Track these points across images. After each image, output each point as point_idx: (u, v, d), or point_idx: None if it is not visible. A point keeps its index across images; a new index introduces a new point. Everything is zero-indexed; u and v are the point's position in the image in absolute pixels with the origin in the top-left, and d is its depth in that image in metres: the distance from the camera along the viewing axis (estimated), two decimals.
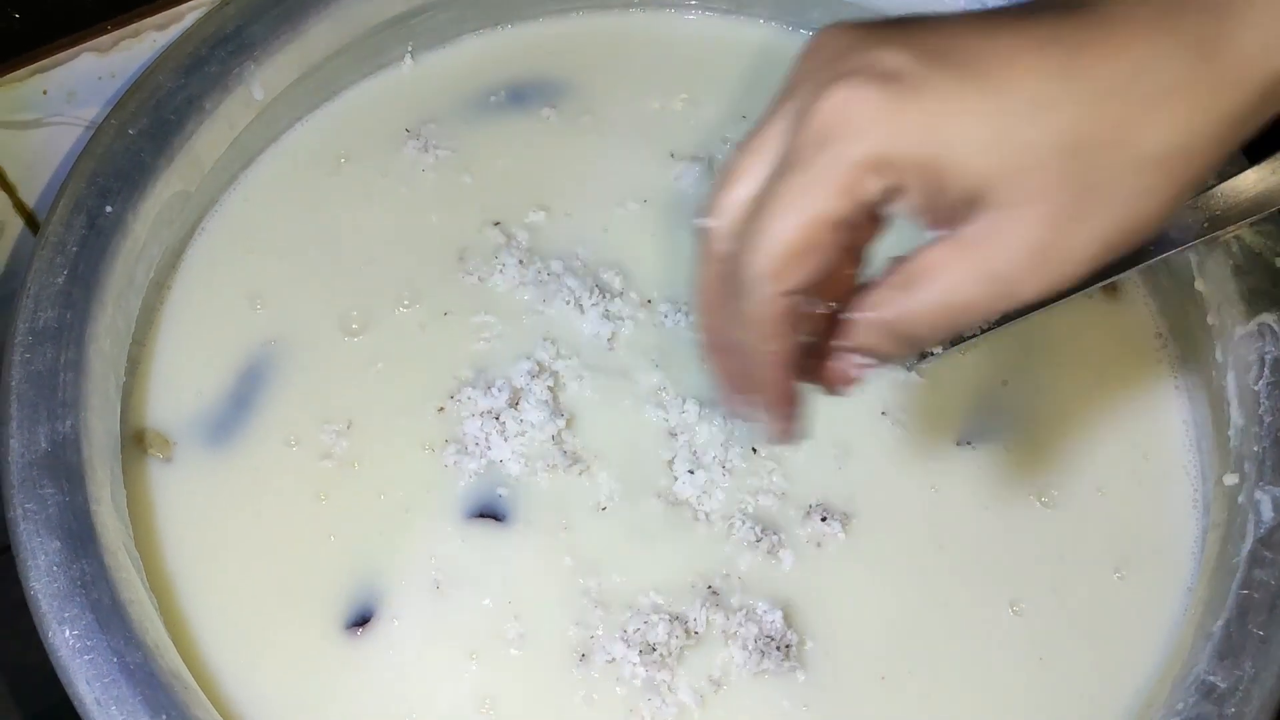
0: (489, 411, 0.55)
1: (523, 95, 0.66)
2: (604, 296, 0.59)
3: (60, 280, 0.50)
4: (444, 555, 0.53)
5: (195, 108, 0.55)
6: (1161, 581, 0.53)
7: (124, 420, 0.54)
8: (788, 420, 0.43)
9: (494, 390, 0.55)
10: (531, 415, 0.54)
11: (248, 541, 0.53)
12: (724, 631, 0.51)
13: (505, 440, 0.54)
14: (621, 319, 0.58)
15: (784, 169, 0.36)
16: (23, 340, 0.49)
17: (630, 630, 0.50)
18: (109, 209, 0.52)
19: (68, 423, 0.47)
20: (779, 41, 0.68)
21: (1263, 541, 0.48)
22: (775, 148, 0.37)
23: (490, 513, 0.53)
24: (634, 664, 0.50)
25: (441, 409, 0.56)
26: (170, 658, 0.45)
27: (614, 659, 0.50)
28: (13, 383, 0.48)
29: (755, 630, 0.51)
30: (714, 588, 0.52)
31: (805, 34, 0.68)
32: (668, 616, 0.51)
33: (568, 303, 0.58)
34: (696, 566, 0.53)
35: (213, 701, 0.47)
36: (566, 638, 0.51)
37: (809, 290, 0.37)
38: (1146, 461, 0.57)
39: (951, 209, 0.36)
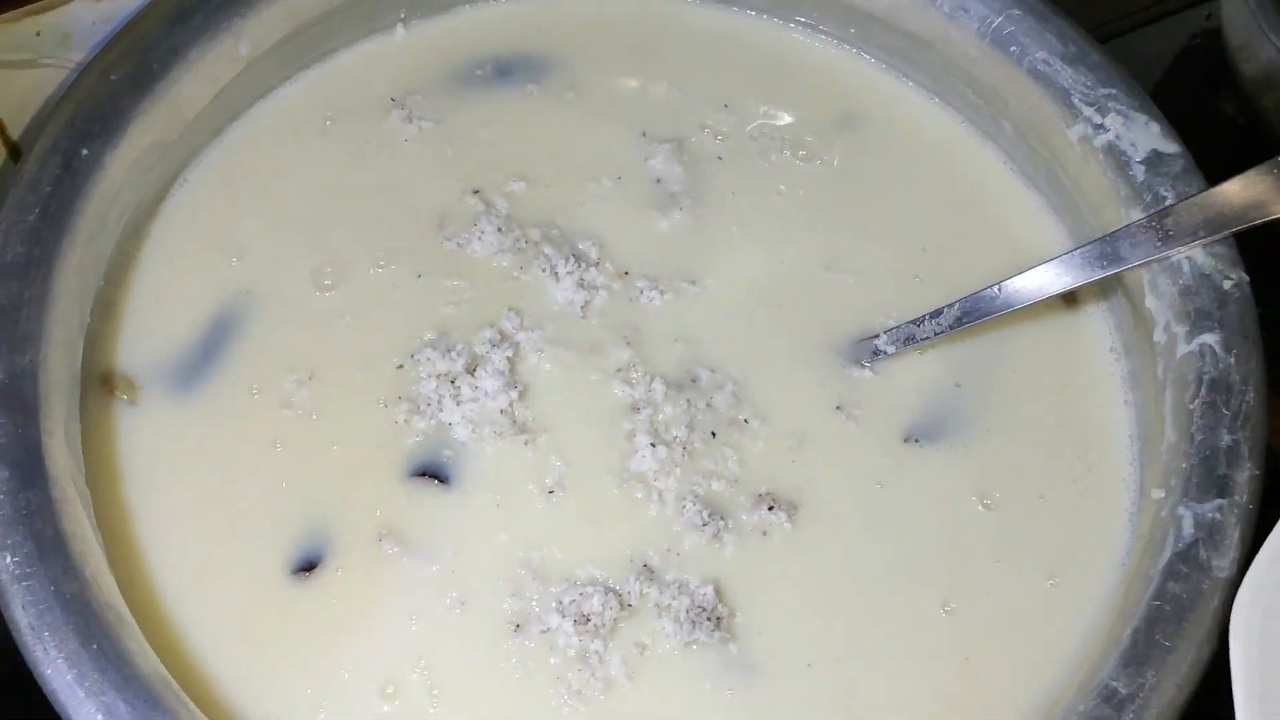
0: (445, 374, 0.56)
1: (509, 70, 0.67)
2: (579, 265, 0.60)
3: (31, 218, 0.51)
4: (388, 511, 0.54)
5: (179, 58, 0.56)
6: (1090, 590, 0.54)
7: (92, 361, 0.55)
8: None
9: (453, 354, 0.56)
10: (486, 383, 0.56)
11: (203, 484, 0.54)
12: (657, 604, 0.52)
13: (458, 405, 0.55)
14: (596, 288, 0.60)
15: None
16: None
17: (566, 601, 0.51)
18: (85, 152, 0.53)
19: (27, 357, 0.48)
20: (768, 35, 0.69)
21: (1179, 555, 0.49)
22: None
23: (433, 473, 0.54)
24: (568, 634, 0.51)
25: (401, 367, 0.57)
26: (108, 590, 0.46)
27: (549, 629, 0.51)
28: None
29: (687, 602, 0.52)
30: (649, 564, 0.53)
31: (795, 29, 0.69)
32: (603, 589, 0.52)
33: (544, 270, 0.59)
34: (638, 543, 0.54)
35: (154, 636, 0.48)
36: (503, 607, 0.52)
37: None
38: (1089, 473, 0.57)
39: None
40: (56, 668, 0.43)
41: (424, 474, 0.54)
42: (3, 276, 0.50)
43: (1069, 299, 0.61)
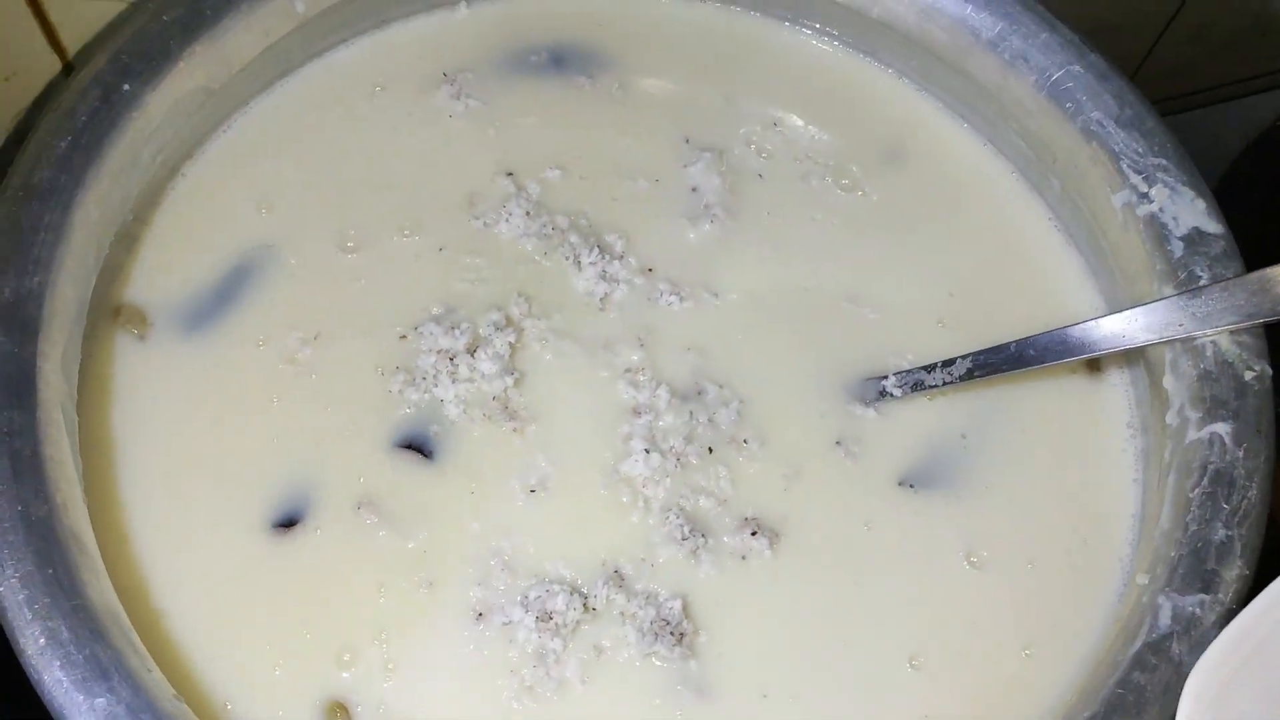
0: (445, 351, 0.56)
1: (563, 60, 0.67)
2: (603, 256, 0.60)
3: (63, 144, 0.52)
4: (371, 478, 0.54)
5: (232, 7, 0.57)
6: (1064, 667, 0.53)
7: (108, 292, 0.56)
8: None
9: (456, 332, 0.56)
10: (484, 365, 0.56)
11: (196, 428, 0.54)
12: (623, 611, 0.52)
13: (453, 383, 0.55)
14: (617, 281, 0.59)
15: None
16: (12, 193, 0.51)
17: (531, 596, 0.51)
18: (126, 87, 0.54)
19: (36, 279, 0.49)
20: (828, 58, 0.68)
21: (1151, 646, 0.47)
22: None
23: (419, 446, 0.54)
24: (529, 629, 0.51)
25: (404, 337, 0.57)
26: (76, 518, 0.47)
27: (510, 621, 0.51)
28: None
29: (653, 614, 0.51)
30: (621, 571, 0.53)
31: (856, 55, 0.68)
32: (569, 588, 0.51)
33: (567, 258, 0.59)
34: (613, 547, 0.54)
35: (116, 570, 0.49)
36: (469, 594, 0.52)
37: None
38: (1085, 546, 0.56)
39: None
40: (9, 586, 0.44)
41: (409, 446, 0.55)
42: (26, 197, 0.51)
43: (1093, 365, 0.60)
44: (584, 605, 0.52)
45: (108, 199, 0.53)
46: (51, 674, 0.43)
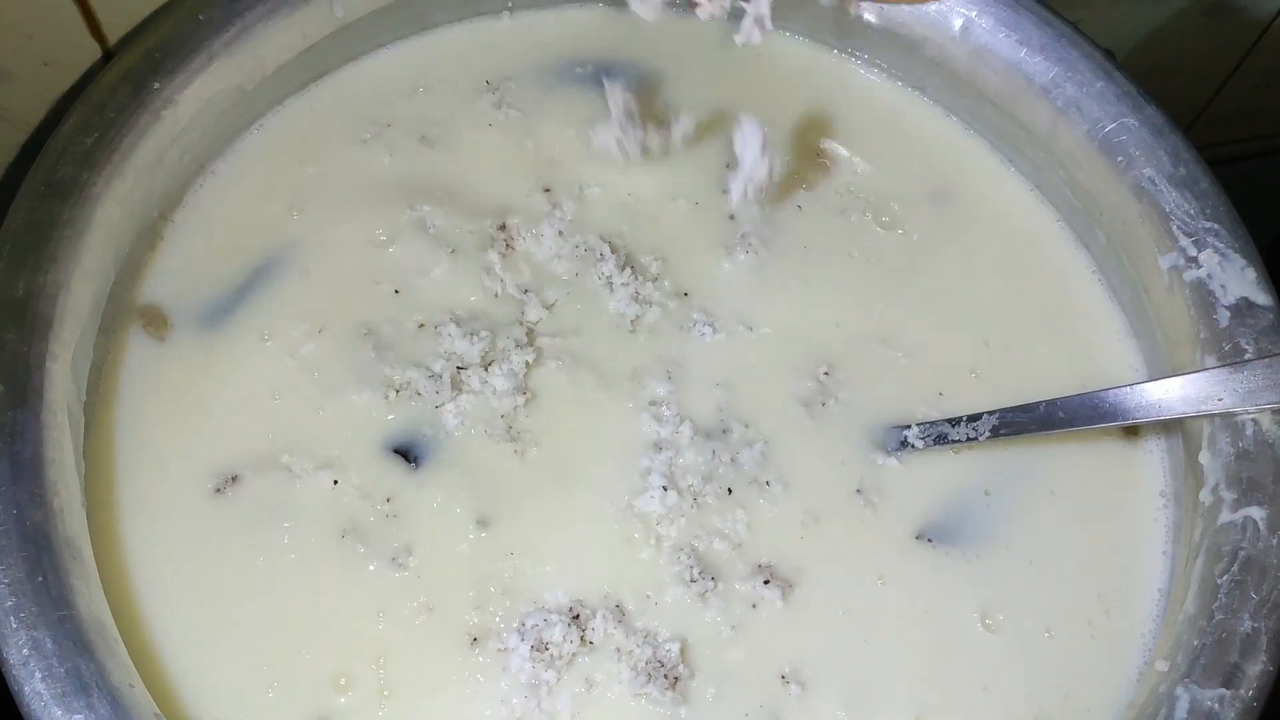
0: (456, 356, 0.55)
1: (609, 74, 0.65)
2: (636, 278, 0.58)
3: (89, 141, 0.52)
4: (358, 485, 0.53)
5: (269, 10, 0.56)
6: None
7: (128, 290, 0.56)
8: None
9: (473, 338, 0.55)
10: (496, 381, 0.54)
11: (198, 426, 0.54)
12: (619, 648, 0.51)
13: (459, 391, 0.54)
14: (650, 304, 0.58)
15: None
16: (35, 187, 0.50)
17: (528, 625, 0.50)
18: (156, 85, 0.54)
19: (50, 276, 0.49)
20: (877, 91, 0.67)
21: None
22: None
23: (407, 452, 0.54)
24: (523, 658, 0.50)
25: (422, 325, 0.56)
26: (73, 524, 0.46)
27: (505, 649, 0.50)
28: (12, 226, 0.49)
29: (649, 654, 0.50)
30: (623, 606, 0.52)
31: (906, 91, 0.66)
32: (567, 619, 0.50)
33: (599, 279, 0.58)
34: (619, 581, 0.53)
35: (113, 577, 0.49)
36: (465, 618, 0.51)
37: None
38: (1107, 618, 0.54)
39: None
40: None
41: (399, 451, 0.54)
42: (46, 194, 0.50)
43: (1129, 429, 0.58)
44: (581, 638, 0.50)
45: (130, 198, 0.53)
46: (32, 685, 0.42)
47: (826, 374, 0.58)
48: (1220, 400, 0.50)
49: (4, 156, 0.58)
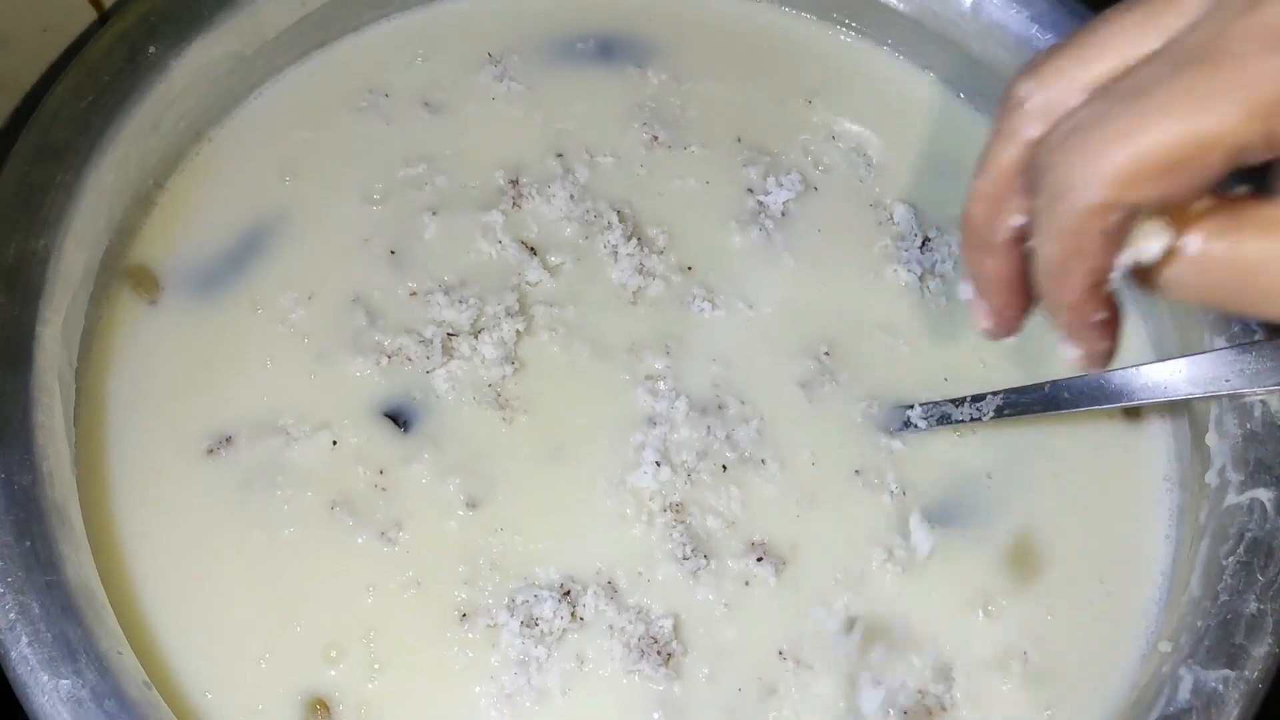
0: (445, 324, 0.54)
1: (611, 48, 0.65)
2: (641, 249, 0.58)
3: (82, 104, 0.51)
4: (344, 457, 0.52)
5: None
6: None
7: (121, 255, 0.55)
8: (1098, 342, 0.36)
9: (462, 305, 0.55)
10: (486, 350, 0.54)
11: (193, 398, 0.53)
12: (611, 625, 0.50)
13: (450, 357, 0.54)
14: (653, 276, 0.58)
15: (1186, 56, 0.28)
16: (27, 151, 0.50)
17: (518, 600, 0.50)
18: (152, 49, 0.53)
19: (41, 242, 0.48)
20: (896, 73, 0.66)
21: None
22: (1169, 23, 0.29)
23: (397, 416, 0.53)
24: (513, 633, 0.49)
25: (414, 293, 0.56)
26: (62, 489, 0.46)
27: (495, 624, 0.50)
28: (3, 190, 0.49)
29: (642, 630, 0.50)
30: (615, 583, 0.51)
31: (928, 78, 0.65)
32: (558, 595, 0.50)
33: (604, 247, 0.58)
34: (610, 558, 0.52)
35: (103, 544, 0.48)
36: (455, 594, 0.50)
37: (1149, 210, 0.30)
38: (1109, 599, 0.53)
39: None
40: None
41: (390, 416, 0.53)
42: (40, 157, 0.50)
43: (1133, 412, 0.57)
44: (572, 614, 0.50)
45: (124, 163, 0.52)
46: (19, 650, 0.42)
47: (827, 354, 0.58)
48: (1228, 381, 0.49)
49: None
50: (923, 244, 0.60)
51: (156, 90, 0.53)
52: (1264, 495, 0.48)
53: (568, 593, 0.50)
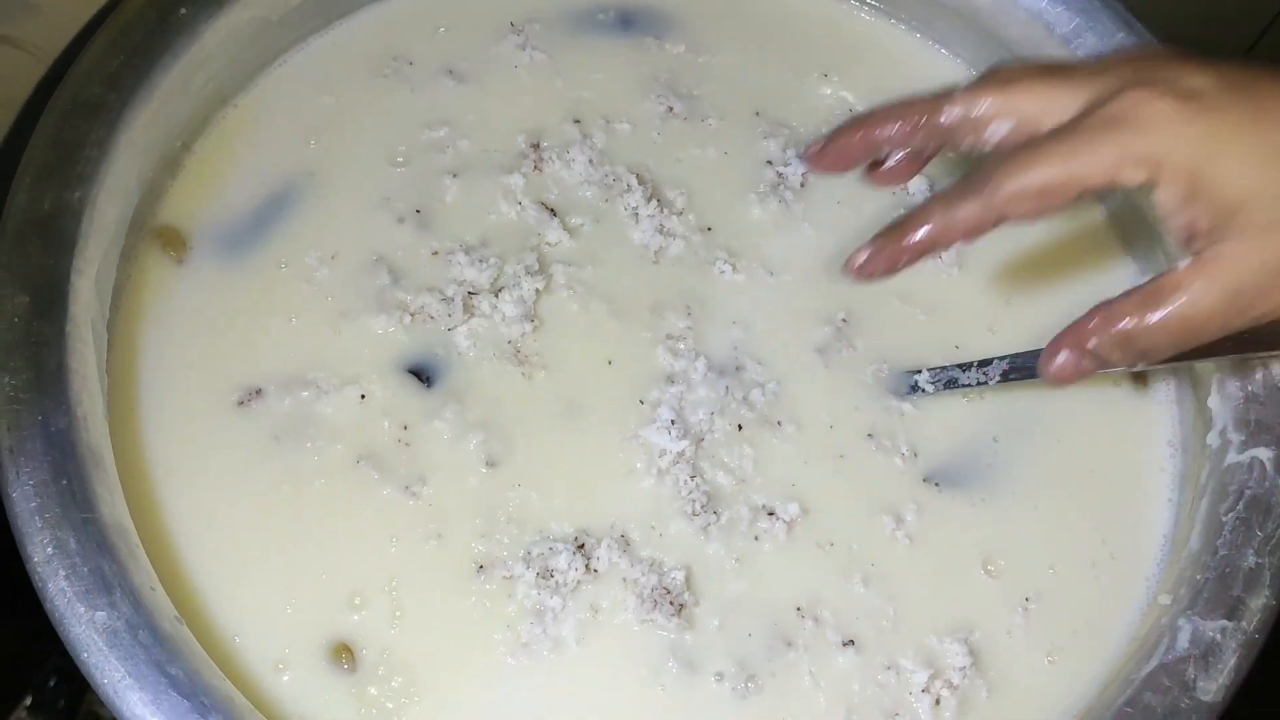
0: (466, 283, 0.56)
1: (631, 20, 0.66)
2: (662, 210, 0.59)
3: (115, 64, 0.52)
4: (372, 410, 0.54)
5: None
6: (1085, 679, 0.51)
7: (149, 215, 0.56)
8: (884, 262, 0.46)
9: (483, 264, 0.56)
10: (506, 308, 0.55)
11: (222, 353, 0.54)
12: (624, 577, 0.51)
13: (471, 315, 0.55)
14: (674, 236, 0.59)
15: (1068, 130, 0.43)
16: (62, 107, 0.51)
17: (534, 553, 0.51)
18: (183, 11, 0.54)
19: (76, 194, 0.49)
20: (909, 49, 0.67)
21: (1165, 668, 0.46)
22: (1064, 104, 0.43)
23: (420, 372, 0.54)
24: (529, 585, 0.51)
25: (436, 253, 0.57)
26: (96, 433, 0.47)
27: (511, 576, 0.51)
28: (39, 143, 0.50)
29: (655, 581, 0.51)
30: (628, 536, 0.52)
31: (936, 45, 0.66)
32: (573, 548, 0.51)
33: (625, 210, 0.59)
34: (623, 512, 0.53)
35: (135, 490, 0.49)
36: (473, 546, 0.52)
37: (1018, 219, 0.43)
38: (1111, 560, 0.54)
39: (1193, 221, 0.42)
40: (23, 493, 0.44)
41: (413, 372, 0.54)
42: (74, 114, 0.51)
43: (1139, 378, 0.58)
44: (586, 566, 0.51)
45: (155, 122, 0.54)
46: (56, 583, 0.43)
47: (845, 321, 0.59)
48: (1230, 342, 0.50)
49: (23, 90, 0.59)
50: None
51: (187, 51, 0.54)
52: (1264, 454, 0.49)
53: (581, 546, 0.52)
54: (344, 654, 0.49)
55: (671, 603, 0.51)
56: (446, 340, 0.55)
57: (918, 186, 0.62)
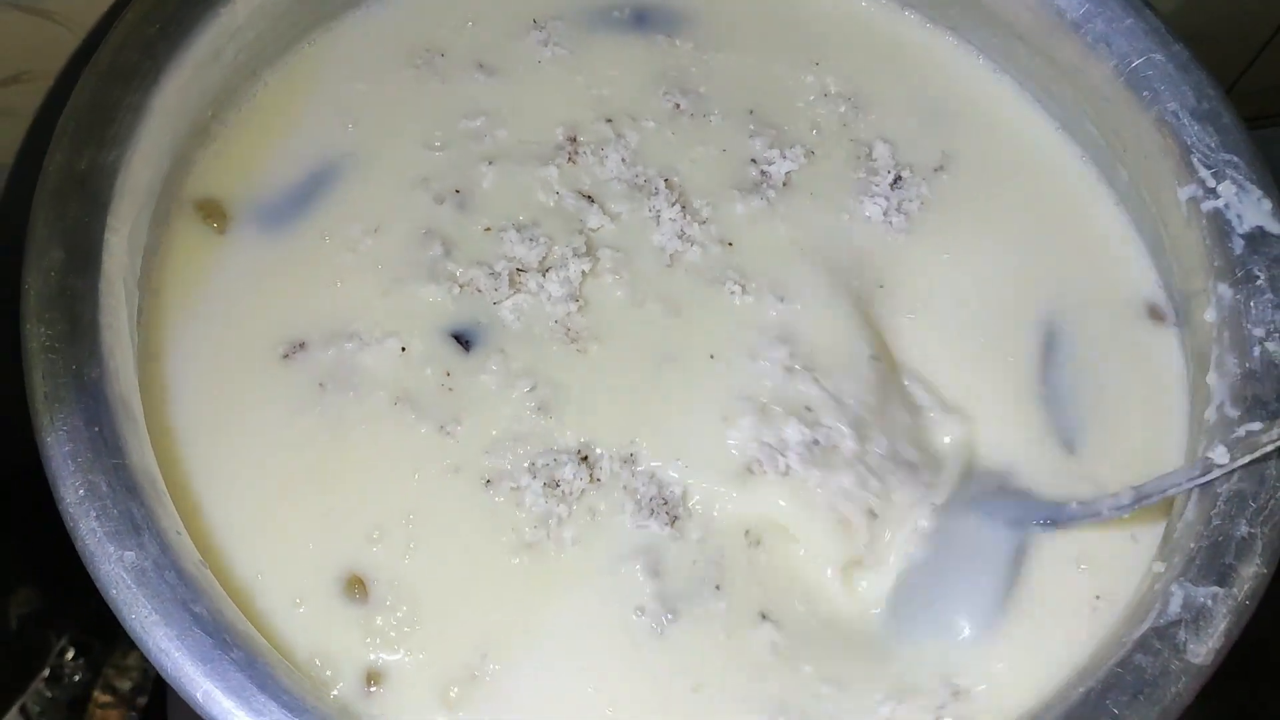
0: (515, 259, 0.57)
1: (645, 17, 0.66)
2: (685, 216, 0.60)
3: (151, 30, 0.54)
4: (413, 362, 0.55)
5: None
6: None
7: (184, 186, 0.58)
8: None
9: (533, 242, 0.57)
10: (552, 287, 0.57)
11: (259, 306, 0.56)
12: (625, 486, 0.53)
13: (517, 290, 0.57)
14: (692, 243, 0.59)
15: None
16: (99, 71, 0.53)
17: (539, 464, 0.53)
18: None
19: (112, 155, 0.51)
20: (914, 35, 0.67)
21: (1157, 631, 0.47)
22: None
23: (462, 337, 0.56)
24: (536, 494, 0.53)
25: (488, 229, 0.58)
26: (127, 385, 0.49)
27: (518, 487, 0.53)
28: (77, 105, 0.52)
29: (654, 492, 0.53)
30: (635, 453, 0.54)
31: (948, 33, 0.67)
32: (577, 458, 0.53)
33: (649, 212, 0.60)
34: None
35: (159, 439, 0.51)
36: (483, 463, 0.53)
37: None
38: None
39: None
40: (57, 437, 0.46)
41: (456, 337, 0.56)
42: (110, 78, 0.53)
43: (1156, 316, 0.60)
44: (590, 475, 0.53)
45: (188, 89, 0.55)
46: (87, 523, 0.45)
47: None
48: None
49: (57, 62, 0.61)
50: (894, 181, 0.62)
51: (221, 21, 0.56)
52: (1259, 429, 0.50)
53: (585, 458, 0.54)
54: (356, 586, 0.51)
55: (668, 513, 0.53)
56: (491, 312, 0.56)
57: (881, 152, 0.63)
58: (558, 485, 0.53)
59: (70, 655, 0.72)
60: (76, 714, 0.71)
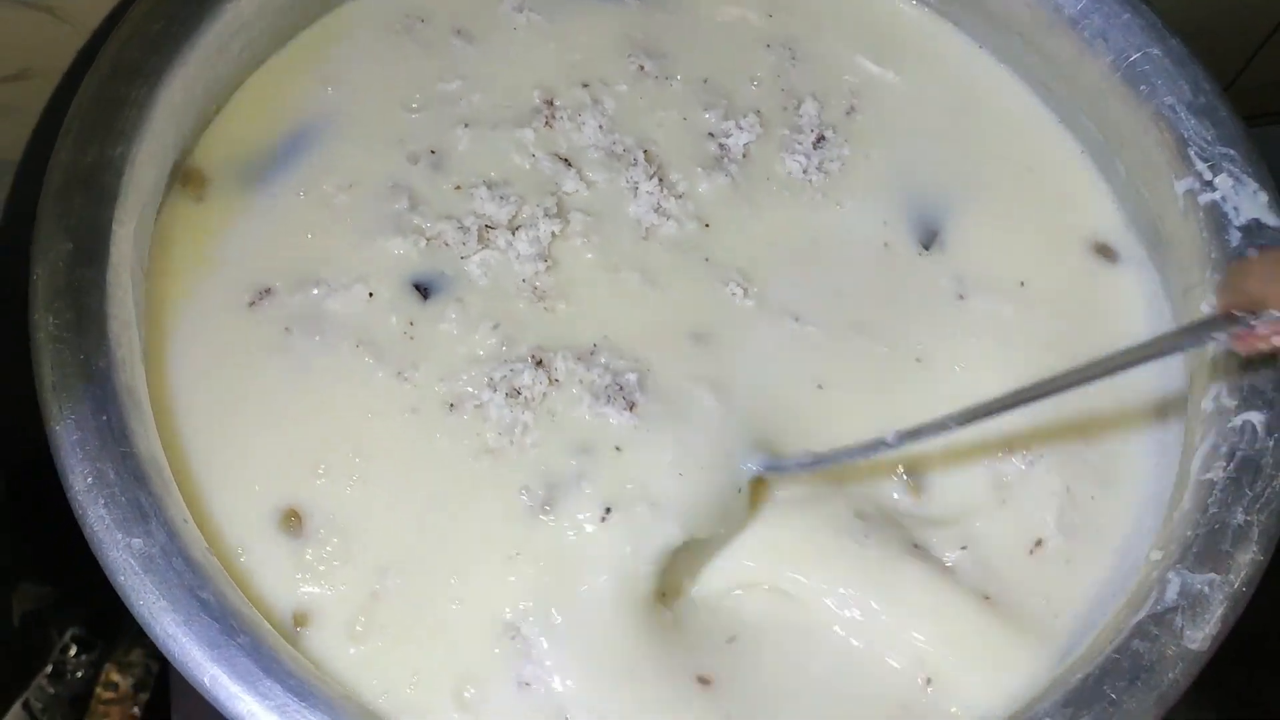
0: (484, 216, 0.57)
1: None
2: (662, 190, 0.60)
3: (156, 27, 0.54)
4: (379, 308, 0.56)
5: None
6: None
7: (180, 169, 0.58)
8: None
9: (503, 201, 0.58)
10: (521, 246, 0.57)
11: (234, 259, 0.56)
12: (581, 380, 0.54)
13: (482, 246, 0.57)
14: (668, 218, 0.60)
15: None
16: (105, 68, 0.53)
17: (497, 377, 0.53)
18: None
19: (118, 150, 0.52)
20: (918, 24, 0.68)
21: (1154, 617, 0.48)
22: None
23: (425, 286, 0.56)
24: (499, 406, 0.53)
25: (458, 187, 0.59)
26: (133, 375, 0.49)
27: (482, 404, 0.53)
28: (84, 101, 0.52)
29: (609, 380, 0.54)
30: (595, 352, 0.55)
31: (949, 24, 0.67)
32: (533, 364, 0.54)
33: (626, 183, 0.60)
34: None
35: (167, 428, 0.51)
36: (437, 389, 0.54)
37: None
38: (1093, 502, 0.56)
39: None
40: (65, 426, 0.46)
41: (417, 286, 0.56)
42: (115, 74, 0.53)
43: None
44: (548, 378, 0.54)
45: (193, 84, 0.56)
46: (95, 511, 0.45)
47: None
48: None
49: (63, 59, 0.61)
50: (817, 141, 0.63)
51: (227, 15, 0.56)
52: (1255, 418, 0.51)
53: (540, 362, 0.54)
54: (291, 519, 0.51)
55: (625, 399, 0.54)
56: (459, 266, 0.57)
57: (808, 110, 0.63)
58: (519, 393, 0.53)
59: (73, 651, 0.72)
60: (79, 710, 0.72)
